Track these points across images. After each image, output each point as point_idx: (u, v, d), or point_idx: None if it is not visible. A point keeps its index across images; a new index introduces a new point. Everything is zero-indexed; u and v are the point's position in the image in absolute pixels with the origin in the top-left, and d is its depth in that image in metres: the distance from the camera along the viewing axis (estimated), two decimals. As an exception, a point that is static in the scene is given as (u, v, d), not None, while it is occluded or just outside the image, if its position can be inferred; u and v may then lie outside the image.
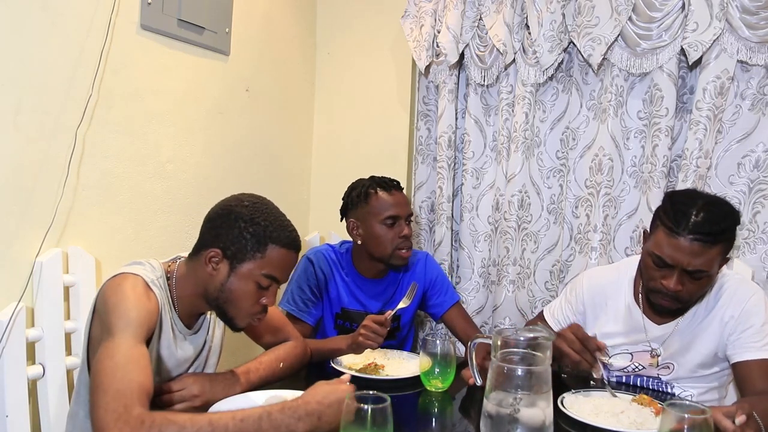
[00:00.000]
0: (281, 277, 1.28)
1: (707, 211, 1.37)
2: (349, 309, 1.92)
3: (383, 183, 1.85)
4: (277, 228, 1.26)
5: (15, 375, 1.41)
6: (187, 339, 1.34)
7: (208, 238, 1.27)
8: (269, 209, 1.29)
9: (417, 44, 2.26)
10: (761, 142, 1.81)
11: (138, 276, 1.21)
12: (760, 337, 1.44)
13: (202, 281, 1.26)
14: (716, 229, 1.36)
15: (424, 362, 1.49)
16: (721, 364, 1.53)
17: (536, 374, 1.05)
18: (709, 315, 1.52)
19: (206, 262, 1.25)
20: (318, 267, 1.88)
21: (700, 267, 1.37)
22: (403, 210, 1.84)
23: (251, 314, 1.29)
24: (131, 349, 1.08)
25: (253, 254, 1.23)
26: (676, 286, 1.40)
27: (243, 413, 1.04)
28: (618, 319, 1.63)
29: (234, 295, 1.25)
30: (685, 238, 1.36)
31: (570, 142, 2.11)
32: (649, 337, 1.58)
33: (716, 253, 1.37)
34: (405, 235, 1.82)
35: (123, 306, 1.14)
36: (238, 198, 1.30)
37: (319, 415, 1.08)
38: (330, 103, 2.61)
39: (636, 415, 1.33)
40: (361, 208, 1.85)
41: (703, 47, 1.78)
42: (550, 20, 2.01)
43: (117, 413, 0.97)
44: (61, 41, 1.53)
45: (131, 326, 1.11)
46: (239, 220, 1.24)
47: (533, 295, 2.18)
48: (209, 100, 2.05)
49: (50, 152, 1.52)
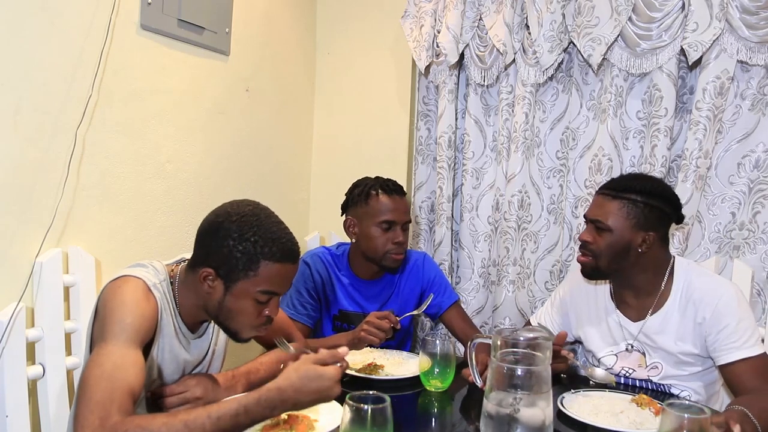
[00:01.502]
0: (280, 290, 1.25)
1: (623, 177, 1.66)
2: (347, 311, 1.92)
3: (386, 186, 1.84)
4: (268, 242, 1.19)
5: (15, 375, 1.41)
6: (191, 342, 1.33)
7: (201, 256, 1.24)
8: (260, 221, 1.22)
9: (417, 44, 2.26)
10: (761, 142, 1.81)
11: (139, 279, 1.20)
12: (738, 336, 1.44)
13: (202, 297, 1.25)
14: (617, 186, 1.55)
15: (424, 362, 1.49)
16: (705, 363, 1.54)
17: (536, 374, 1.05)
18: (681, 313, 1.53)
19: (201, 281, 1.22)
20: (315, 270, 1.89)
21: (597, 216, 1.55)
22: (400, 216, 1.82)
23: (254, 327, 1.26)
24: (122, 356, 1.07)
25: (245, 273, 1.19)
26: (585, 236, 1.58)
27: (219, 410, 1.02)
28: (598, 320, 1.67)
29: (233, 313, 1.23)
30: (597, 194, 1.59)
31: (570, 142, 2.11)
32: (626, 335, 1.61)
33: (614, 207, 1.52)
34: (399, 242, 1.81)
35: (120, 311, 1.13)
36: (227, 211, 1.22)
37: (294, 402, 1.08)
38: (330, 103, 2.61)
39: (635, 415, 1.33)
40: (360, 206, 1.85)
41: (703, 47, 1.78)
42: (550, 20, 2.01)
43: (92, 428, 0.97)
44: (61, 41, 1.53)
45: (126, 332, 1.11)
46: (228, 237, 1.19)
47: (533, 295, 2.18)
48: (209, 100, 2.05)
49: (50, 152, 1.52)
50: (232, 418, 1.02)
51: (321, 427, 1.21)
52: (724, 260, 1.86)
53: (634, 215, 1.51)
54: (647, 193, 1.51)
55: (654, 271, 1.56)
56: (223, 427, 1.01)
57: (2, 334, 1.37)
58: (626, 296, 1.61)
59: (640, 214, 1.50)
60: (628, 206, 1.51)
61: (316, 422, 1.22)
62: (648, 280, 1.57)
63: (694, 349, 1.52)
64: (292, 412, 1.23)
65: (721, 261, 1.86)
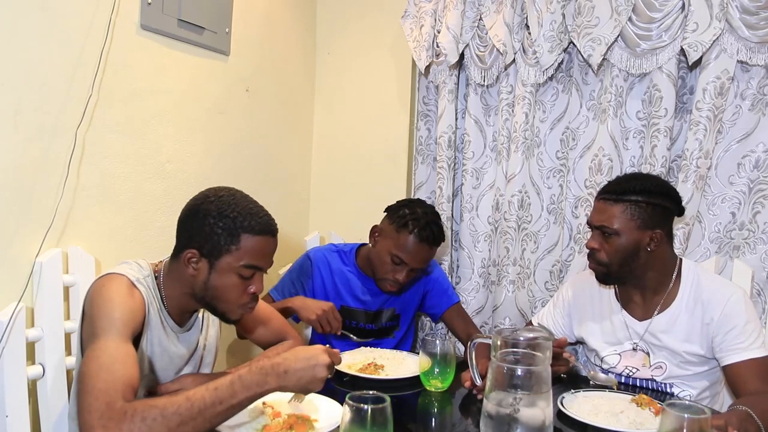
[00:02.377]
0: (262, 264, 1.27)
1: (622, 178, 1.61)
2: (350, 307, 1.94)
3: (423, 230, 1.78)
4: (247, 216, 1.24)
5: (15, 375, 1.41)
6: (179, 336, 1.35)
7: (183, 240, 1.27)
8: (236, 200, 1.27)
9: (417, 44, 2.26)
10: (761, 142, 1.81)
11: (122, 275, 1.22)
12: (745, 337, 1.46)
13: (187, 282, 1.27)
14: (617, 189, 1.54)
15: (424, 362, 1.50)
16: (710, 363, 1.54)
17: (536, 374, 1.05)
18: (689, 314, 1.54)
19: (186, 264, 1.25)
20: (315, 266, 1.94)
21: (602, 222, 1.54)
22: (415, 263, 1.81)
23: (241, 305, 1.28)
24: (116, 349, 1.09)
25: (228, 247, 1.23)
26: (591, 244, 1.57)
27: (215, 383, 1.06)
28: (601, 320, 1.67)
29: (219, 291, 1.25)
30: (597, 199, 1.59)
31: (570, 142, 2.11)
32: (631, 334, 1.61)
33: (617, 211, 1.52)
34: (397, 279, 1.82)
35: (107, 307, 1.15)
36: (205, 195, 1.28)
37: (285, 368, 1.09)
38: (330, 103, 2.61)
39: (635, 415, 1.33)
40: (392, 227, 1.82)
41: (702, 47, 1.78)
42: (550, 20, 2.01)
43: (100, 412, 0.98)
44: (61, 41, 1.53)
45: (115, 326, 1.13)
46: (208, 216, 1.23)
47: (533, 295, 2.18)
48: (209, 100, 2.05)
49: (50, 152, 1.52)
50: (228, 387, 1.05)
51: (321, 427, 1.21)
52: (724, 260, 1.86)
53: (638, 215, 1.51)
54: (648, 192, 1.51)
55: (662, 269, 1.57)
56: (221, 397, 1.04)
57: (2, 334, 1.37)
58: (633, 295, 1.62)
59: (644, 214, 1.51)
60: (631, 208, 1.51)
61: (316, 422, 1.23)
62: (656, 278, 1.57)
63: (699, 350, 1.52)
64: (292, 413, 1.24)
65: (721, 261, 1.86)
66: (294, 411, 1.25)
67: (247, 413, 1.23)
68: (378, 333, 1.98)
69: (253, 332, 1.56)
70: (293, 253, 2.49)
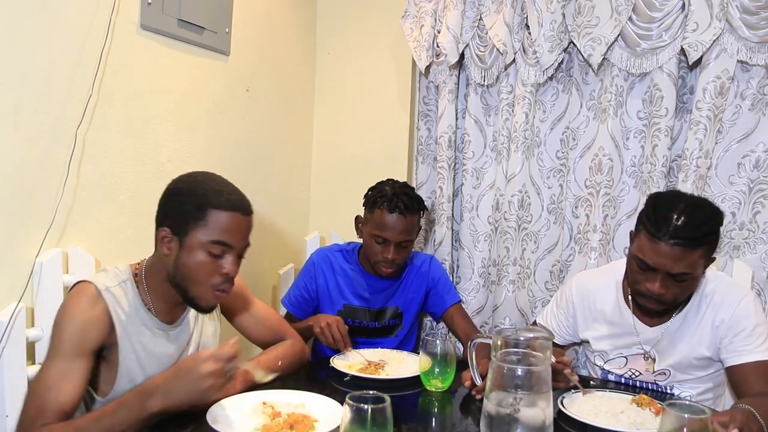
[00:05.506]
0: (231, 240, 1.25)
1: (688, 215, 1.38)
2: (353, 306, 1.95)
3: (392, 201, 1.82)
4: (216, 193, 1.25)
5: (15, 375, 1.41)
6: (168, 335, 1.34)
7: (158, 220, 1.29)
8: (208, 179, 1.29)
9: (417, 44, 2.26)
10: (761, 142, 1.81)
11: (90, 284, 1.23)
12: (753, 339, 1.45)
13: (164, 265, 1.27)
14: (696, 234, 1.37)
15: (424, 362, 1.49)
16: (715, 366, 1.54)
17: (536, 374, 1.05)
18: (700, 317, 1.53)
19: (161, 244, 1.26)
20: (319, 268, 1.96)
21: (683, 270, 1.39)
22: (394, 236, 1.83)
23: (212, 286, 1.26)
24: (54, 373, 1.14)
25: (195, 223, 1.23)
26: (660, 290, 1.43)
27: (100, 411, 1.11)
28: (608, 321, 1.64)
29: (187, 269, 1.24)
30: (666, 243, 1.38)
31: (570, 142, 2.11)
32: (641, 339, 1.59)
33: (698, 256, 1.39)
34: (386, 259, 1.84)
35: (59, 324, 1.19)
36: (179, 178, 1.31)
37: (164, 390, 1.10)
38: (330, 103, 2.61)
39: (636, 415, 1.33)
40: (367, 211, 1.91)
41: (703, 47, 1.78)
42: (550, 20, 2.01)
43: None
44: (61, 41, 1.53)
45: (62, 347, 1.16)
46: (179, 195, 1.26)
47: (533, 295, 2.18)
48: (209, 100, 2.05)
49: (50, 152, 1.52)
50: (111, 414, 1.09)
51: (321, 427, 1.21)
52: (724, 260, 1.86)
53: (708, 252, 1.43)
54: (717, 230, 1.44)
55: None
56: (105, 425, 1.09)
57: (2, 334, 1.37)
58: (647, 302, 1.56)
59: (712, 249, 1.44)
60: (706, 248, 1.42)
61: (316, 422, 1.23)
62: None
63: (707, 353, 1.51)
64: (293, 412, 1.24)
65: (721, 261, 1.86)
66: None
67: (247, 413, 1.23)
68: (381, 331, 1.98)
69: (250, 331, 1.56)
70: (293, 253, 2.49)
